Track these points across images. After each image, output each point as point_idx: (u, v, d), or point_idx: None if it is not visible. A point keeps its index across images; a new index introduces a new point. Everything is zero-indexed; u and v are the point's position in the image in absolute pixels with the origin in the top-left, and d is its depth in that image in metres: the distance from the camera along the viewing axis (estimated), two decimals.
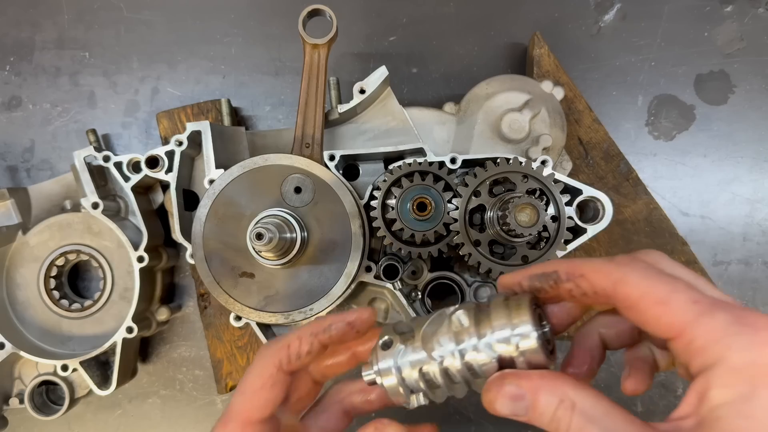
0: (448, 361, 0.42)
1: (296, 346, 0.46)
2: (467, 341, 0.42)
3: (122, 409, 0.87)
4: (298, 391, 0.50)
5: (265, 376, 0.45)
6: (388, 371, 0.44)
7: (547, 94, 0.81)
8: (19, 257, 0.81)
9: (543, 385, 0.38)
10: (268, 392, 0.45)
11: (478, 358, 0.41)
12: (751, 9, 0.91)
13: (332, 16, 0.70)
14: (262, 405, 0.45)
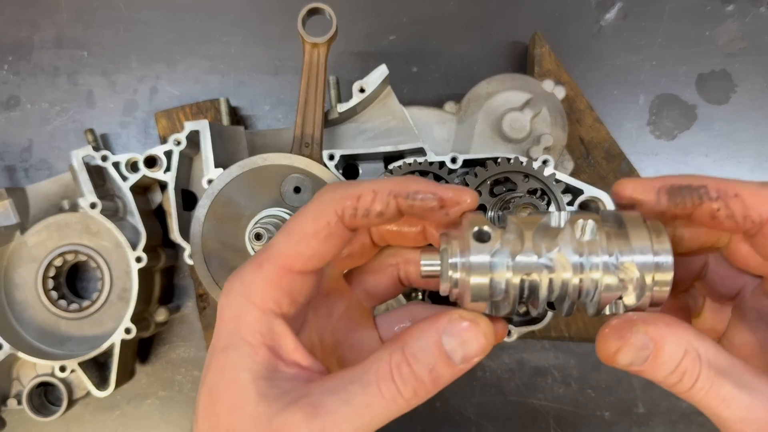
0: (562, 272, 0.35)
1: (367, 201, 0.36)
2: (595, 256, 0.35)
3: (121, 410, 0.87)
4: (350, 246, 0.42)
5: (321, 223, 0.37)
6: (481, 268, 0.34)
7: (548, 93, 0.80)
8: (17, 257, 0.80)
9: (669, 333, 0.33)
10: (321, 243, 0.37)
11: (604, 279, 0.34)
12: (752, 8, 0.90)
13: (332, 15, 0.70)
14: (310, 255, 0.37)
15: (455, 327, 0.34)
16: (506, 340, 0.72)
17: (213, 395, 0.37)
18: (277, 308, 0.37)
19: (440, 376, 0.34)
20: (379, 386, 0.33)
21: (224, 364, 0.36)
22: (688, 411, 0.87)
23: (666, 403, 0.87)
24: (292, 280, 0.37)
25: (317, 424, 0.33)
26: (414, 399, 0.34)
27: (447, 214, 0.37)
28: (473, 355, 0.34)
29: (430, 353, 0.34)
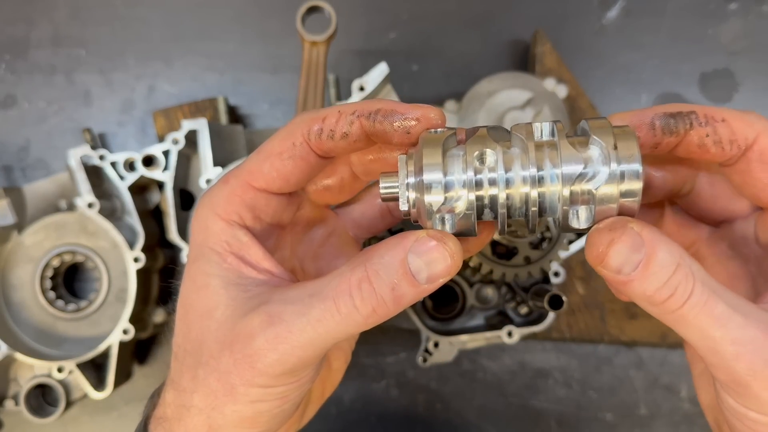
0: (521, 184, 0.32)
1: (332, 122, 0.36)
2: (555, 167, 0.32)
3: (118, 411, 0.86)
4: (329, 177, 0.41)
5: (287, 143, 0.37)
6: (433, 183, 0.32)
7: (549, 91, 0.80)
8: (14, 258, 0.80)
9: (662, 240, 0.30)
10: (285, 162, 0.37)
11: (564, 190, 0.32)
12: (755, 6, 0.90)
13: (331, 13, 0.69)
14: (273, 175, 0.37)
15: (422, 246, 0.33)
16: (507, 342, 0.72)
17: (186, 305, 0.38)
18: (240, 220, 0.38)
19: (403, 295, 0.33)
20: (336, 302, 0.33)
21: (195, 273, 0.38)
22: (690, 413, 0.87)
23: (668, 405, 0.87)
24: (254, 196, 0.38)
25: (272, 332, 0.34)
26: (372, 317, 0.34)
27: (408, 133, 0.35)
28: (439, 276, 0.33)
29: (393, 271, 0.33)
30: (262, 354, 0.34)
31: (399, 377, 0.87)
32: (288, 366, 0.35)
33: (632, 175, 0.32)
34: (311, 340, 0.34)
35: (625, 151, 0.32)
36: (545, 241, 0.69)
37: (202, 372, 0.37)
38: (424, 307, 0.76)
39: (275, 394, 0.36)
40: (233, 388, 0.36)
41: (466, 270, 0.75)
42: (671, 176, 0.39)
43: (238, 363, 0.35)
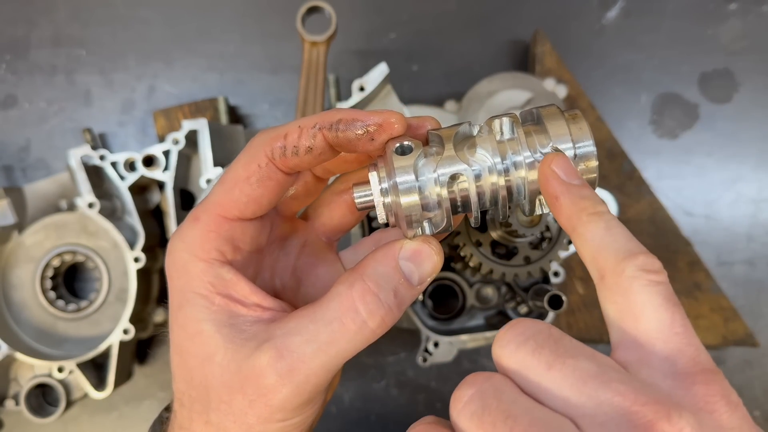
0: (488, 175, 0.34)
1: (294, 138, 0.35)
2: (516, 155, 0.34)
3: (119, 411, 0.86)
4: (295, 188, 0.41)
5: (252, 167, 0.36)
6: (407, 187, 0.34)
7: (549, 92, 0.80)
8: (14, 258, 0.80)
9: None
10: (254, 187, 0.36)
11: (530, 175, 0.34)
12: (755, 7, 0.90)
13: (331, 13, 0.69)
14: (245, 201, 0.36)
15: (409, 251, 0.35)
16: None
17: (182, 353, 0.37)
18: (221, 257, 0.37)
19: (403, 300, 0.35)
20: (343, 321, 0.34)
21: (184, 321, 0.37)
22: None
23: None
24: (230, 227, 0.37)
25: (284, 366, 0.34)
26: (381, 327, 0.34)
27: (372, 140, 0.35)
28: (428, 275, 0.35)
29: (391, 279, 0.34)
30: (276, 390, 0.34)
31: (399, 377, 0.87)
32: (305, 396, 0.35)
33: (588, 156, 0.35)
34: (323, 365, 0.34)
35: (579, 133, 0.35)
36: (545, 241, 0.69)
37: (215, 417, 0.36)
38: (424, 307, 0.76)
39: (294, 425, 0.36)
40: (251, 428, 0.35)
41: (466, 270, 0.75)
42: None
43: (254, 404, 0.35)
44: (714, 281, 0.83)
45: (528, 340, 0.30)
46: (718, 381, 0.29)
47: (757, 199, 0.88)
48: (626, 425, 0.27)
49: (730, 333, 0.83)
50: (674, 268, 0.84)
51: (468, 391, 0.30)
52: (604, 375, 0.28)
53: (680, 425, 0.26)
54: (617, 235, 0.32)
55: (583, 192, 0.33)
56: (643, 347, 0.30)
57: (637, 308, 0.30)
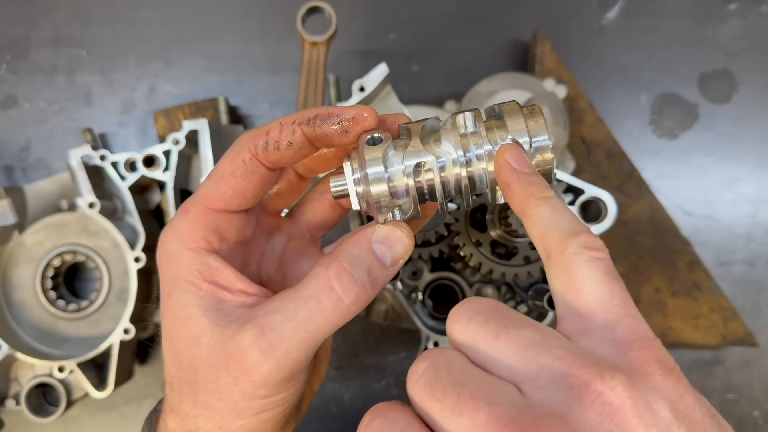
0: (451, 165, 0.37)
1: (276, 134, 0.38)
2: (478, 147, 0.37)
3: (119, 411, 0.87)
4: (278, 185, 0.44)
5: (237, 162, 0.39)
6: (377, 177, 0.37)
7: (549, 92, 0.80)
8: (15, 257, 0.80)
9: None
10: (239, 181, 0.39)
11: (490, 166, 0.37)
12: (754, 7, 0.90)
13: (331, 14, 0.69)
14: (230, 194, 0.39)
15: (381, 234, 0.38)
16: None
17: (172, 337, 0.39)
18: (208, 246, 0.39)
19: (377, 279, 0.37)
20: (320, 298, 0.36)
21: (174, 307, 0.39)
22: None
23: None
24: (216, 218, 0.40)
25: (265, 342, 0.36)
26: (356, 304, 0.37)
27: (347, 132, 0.38)
28: (400, 257, 0.38)
29: (364, 259, 0.37)
30: (258, 366, 0.36)
31: (399, 377, 0.88)
32: (286, 372, 0.36)
33: (543, 148, 0.37)
34: (303, 341, 0.36)
35: (535, 127, 0.37)
36: None
37: (203, 396, 0.38)
38: (424, 307, 0.76)
39: (277, 402, 0.38)
40: (236, 405, 0.37)
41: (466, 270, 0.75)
42: None
43: (238, 380, 0.36)
44: (713, 281, 0.84)
45: (477, 314, 0.32)
46: (654, 347, 0.31)
47: (757, 199, 0.88)
48: (564, 387, 0.28)
49: (729, 333, 0.83)
50: (674, 268, 0.84)
51: (423, 364, 0.32)
52: (544, 342, 0.30)
53: (612, 383, 0.28)
54: (562, 217, 0.34)
55: (533, 179, 0.36)
56: (584, 318, 0.32)
57: (578, 282, 0.32)
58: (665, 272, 0.84)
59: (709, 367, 0.87)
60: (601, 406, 0.28)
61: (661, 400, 0.28)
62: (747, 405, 0.87)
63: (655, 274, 0.84)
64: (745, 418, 0.86)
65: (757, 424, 0.86)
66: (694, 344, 0.85)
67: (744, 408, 0.86)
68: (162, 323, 0.40)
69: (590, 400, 0.28)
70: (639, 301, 0.84)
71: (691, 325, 0.84)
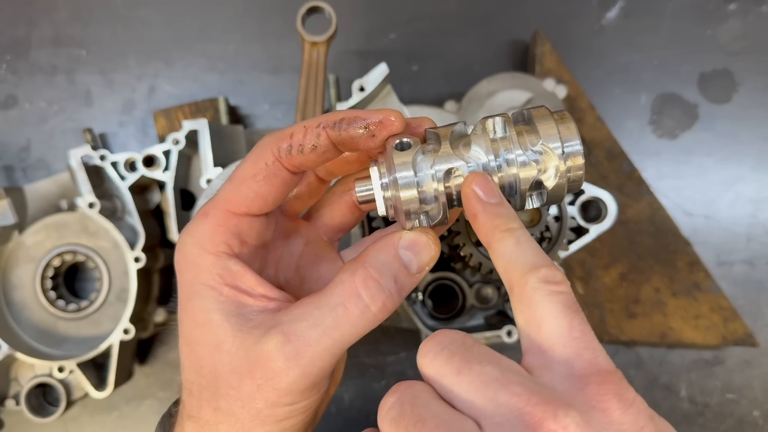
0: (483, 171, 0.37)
1: (300, 137, 0.37)
2: (509, 153, 0.37)
3: (119, 411, 0.87)
4: (298, 188, 0.43)
5: (259, 165, 0.38)
6: (407, 182, 0.36)
7: (549, 92, 0.80)
8: (15, 258, 0.80)
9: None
10: (261, 184, 0.38)
11: (521, 173, 0.37)
12: (754, 7, 0.90)
13: (331, 14, 0.69)
14: (252, 197, 0.38)
15: (407, 241, 0.37)
16: (507, 341, 0.72)
17: (191, 343, 0.38)
18: (229, 250, 0.38)
19: (403, 286, 0.37)
20: (346, 305, 0.36)
21: (193, 312, 0.38)
22: (689, 412, 0.87)
23: (667, 404, 0.87)
24: (238, 222, 0.39)
25: (291, 350, 0.35)
26: (383, 311, 0.36)
27: (374, 136, 0.37)
28: (426, 264, 0.38)
29: (391, 266, 0.37)
30: (283, 373, 0.35)
31: (399, 377, 0.88)
32: (311, 379, 0.36)
33: (575, 154, 0.37)
34: (328, 348, 0.36)
35: (567, 133, 0.37)
36: (545, 241, 0.69)
37: (224, 403, 0.37)
38: (424, 307, 0.76)
39: (300, 409, 0.38)
40: (259, 412, 0.37)
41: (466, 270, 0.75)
42: None
43: (262, 388, 0.36)
44: (714, 281, 0.84)
45: (444, 349, 0.33)
46: (613, 381, 0.31)
47: (757, 199, 0.88)
48: (519, 425, 0.29)
49: (729, 333, 0.83)
50: (674, 268, 0.84)
51: (390, 399, 0.32)
52: (504, 378, 0.30)
53: (565, 422, 0.28)
54: (525, 250, 0.34)
55: (499, 210, 0.36)
56: (545, 352, 0.32)
57: (539, 317, 0.32)
58: (665, 272, 0.84)
59: (709, 367, 0.87)
60: None
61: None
62: (747, 405, 0.87)
63: (655, 274, 0.84)
64: (745, 418, 0.86)
65: (757, 425, 0.86)
66: (694, 344, 0.85)
67: (744, 408, 0.86)
68: (180, 328, 0.39)
69: None
70: (639, 301, 0.84)
71: (691, 325, 0.84)
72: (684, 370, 0.87)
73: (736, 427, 0.86)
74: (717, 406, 0.87)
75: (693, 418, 0.87)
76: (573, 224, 0.72)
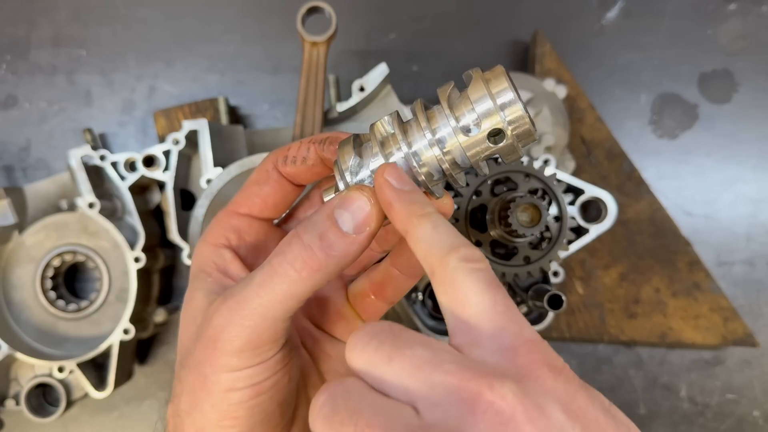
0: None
1: (294, 150, 0.43)
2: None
3: (119, 411, 0.87)
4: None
5: (261, 173, 0.44)
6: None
7: (549, 92, 0.80)
8: (15, 258, 0.80)
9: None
10: (261, 187, 0.44)
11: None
12: (754, 7, 0.90)
13: (331, 14, 0.69)
14: (252, 199, 0.44)
15: (345, 200, 0.37)
16: None
17: (183, 319, 0.42)
18: (227, 242, 0.43)
19: (332, 245, 0.36)
20: (272, 263, 0.36)
21: (189, 293, 0.42)
22: (689, 412, 0.87)
23: (667, 404, 0.87)
24: (239, 220, 0.44)
25: (225, 307, 0.37)
26: (305, 270, 0.36)
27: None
28: (364, 223, 0.37)
29: (319, 224, 0.37)
30: (220, 330, 0.37)
31: None
32: (244, 338, 0.36)
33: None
34: (258, 308, 0.36)
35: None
36: (545, 241, 0.69)
37: (184, 373, 0.39)
38: (424, 307, 0.76)
39: (244, 379, 0.37)
40: (206, 379, 0.37)
41: None
42: None
43: (205, 348, 0.37)
44: (713, 281, 0.84)
45: (372, 339, 0.32)
46: (541, 350, 0.31)
47: (757, 199, 0.88)
48: (456, 402, 0.29)
49: (729, 333, 0.83)
50: (674, 268, 0.84)
51: (321, 397, 0.32)
52: (436, 359, 0.30)
53: (502, 392, 0.28)
54: (442, 233, 0.35)
55: (413, 197, 0.36)
56: (472, 329, 0.32)
57: (462, 295, 0.33)
58: (665, 272, 0.84)
59: (709, 368, 0.87)
60: (493, 417, 0.28)
61: (552, 402, 0.29)
62: (747, 405, 0.87)
63: (655, 275, 0.84)
64: (745, 418, 0.86)
65: (758, 425, 0.86)
66: (694, 344, 0.85)
67: (744, 408, 0.86)
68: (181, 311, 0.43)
69: (482, 411, 0.28)
70: (639, 301, 0.84)
71: (691, 325, 0.84)
72: (684, 370, 0.87)
73: (737, 427, 0.86)
74: (717, 406, 0.87)
75: (693, 418, 0.87)
76: (573, 224, 0.72)
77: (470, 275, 0.33)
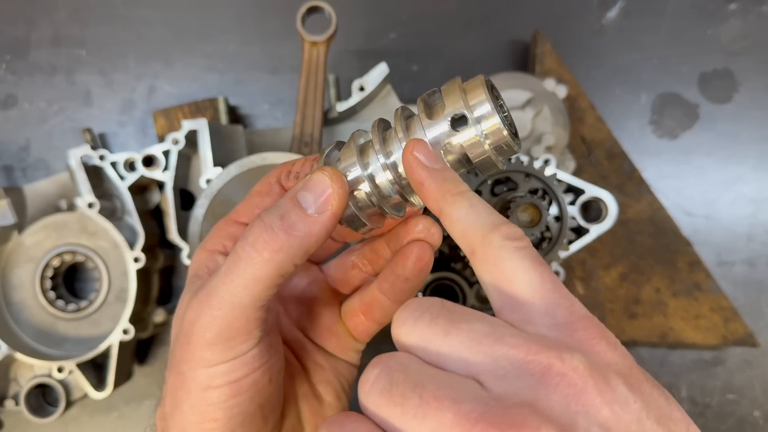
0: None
1: (297, 166, 0.43)
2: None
3: (119, 411, 0.86)
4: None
5: (264, 185, 0.45)
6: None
7: (549, 92, 0.80)
8: (14, 258, 0.80)
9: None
10: (262, 198, 0.44)
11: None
12: (755, 7, 0.90)
13: (331, 13, 0.69)
14: (253, 209, 0.44)
15: (308, 182, 0.37)
16: None
17: (173, 322, 0.42)
18: (222, 248, 0.43)
19: (293, 225, 0.36)
20: (236, 250, 0.36)
21: (181, 297, 0.42)
22: (690, 412, 0.86)
23: None
24: (237, 229, 0.44)
25: (196, 300, 0.37)
26: (267, 251, 0.35)
27: None
28: (326, 203, 0.36)
29: (281, 206, 0.37)
30: (192, 323, 0.37)
31: None
32: (215, 329, 0.36)
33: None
34: (225, 295, 0.36)
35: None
36: (545, 241, 0.69)
37: (168, 374, 0.40)
38: None
39: (220, 375, 0.37)
40: (184, 377, 0.38)
41: (466, 270, 0.75)
42: None
43: (181, 344, 0.38)
44: (714, 281, 0.83)
45: (423, 313, 0.32)
46: (596, 325, 0.31)
47: (757, 199, 0.88)
48: (525, 374, 0.28)
49: (730, 333, 0.83)
50: (674, 268, 0.84)
51: (374, 371, 0.30)
52: (496, 333, 0.30)
53: (574, 364, 0.28)
54: (480, 211, 0.34)
55: (446, 175, 0.36)
56: (523, 306, 0.32)
57: (509, 273, 0.32)
58: (666, 272, 0.84)
59: (709, 368, 0.87)
60: (566, 388, 0.28)
61: (615, 375, 0.29)
62: (748, 405, 0.86)
63: (655, 275, 0.84)
64: (746, 419, 0.86)
65: (758, 425, 0.86)
66: (695, 344, 0.84)
67: (745, 408, 0.86)
68: None
69: (555, 383, 0.28)
70: (639, 301, 0.84)
71: (692, 325, 0.84)
72: (684, 371, 0.87)
73: (737, 428, 0.86)
74: (717, 407, 0.87)
75: (693, 419, 0.86)
76: (573, 224, 0.72)
77: (515, 253, 0.32)
